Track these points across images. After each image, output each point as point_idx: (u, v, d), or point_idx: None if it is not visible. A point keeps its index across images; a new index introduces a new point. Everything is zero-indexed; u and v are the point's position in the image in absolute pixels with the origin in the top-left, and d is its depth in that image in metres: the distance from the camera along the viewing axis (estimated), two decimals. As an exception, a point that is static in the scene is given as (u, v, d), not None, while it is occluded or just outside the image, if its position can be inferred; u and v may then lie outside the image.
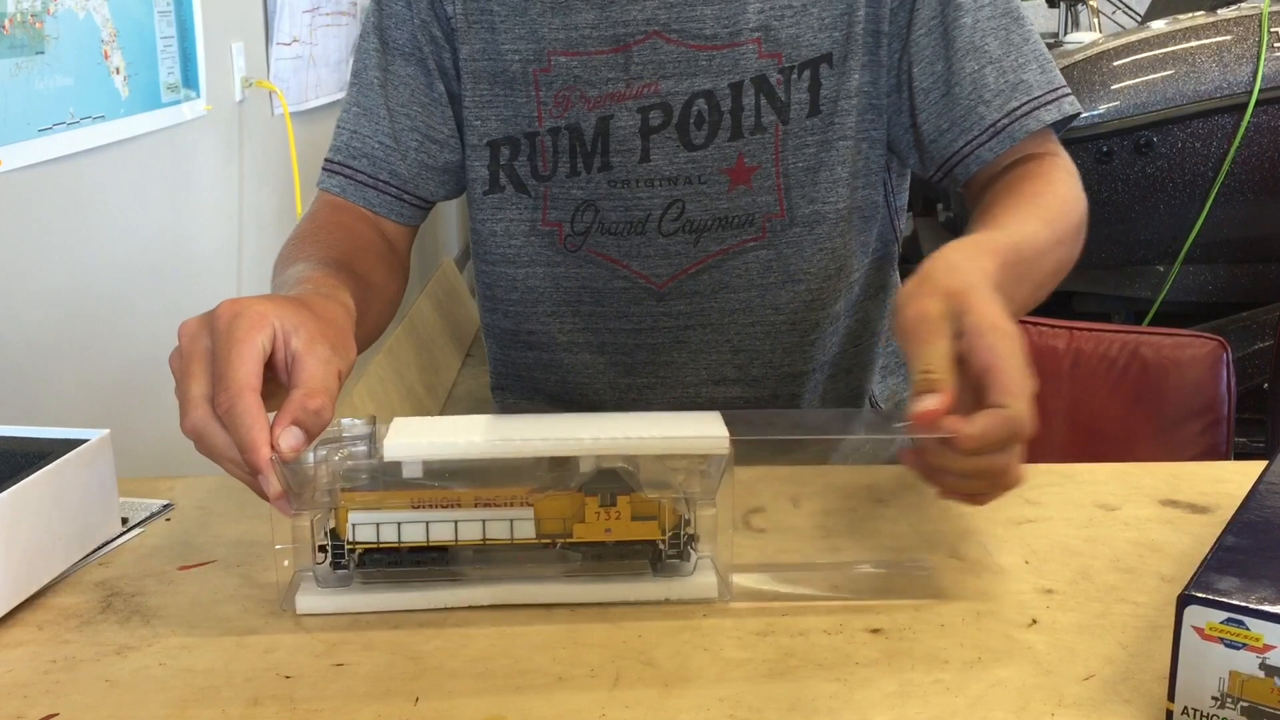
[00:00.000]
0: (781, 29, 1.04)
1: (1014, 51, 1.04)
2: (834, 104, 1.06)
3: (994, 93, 1.04)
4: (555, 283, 1.13)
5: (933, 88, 1.05)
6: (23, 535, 0.76)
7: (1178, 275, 2.77)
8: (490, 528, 0.75)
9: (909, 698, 0.66)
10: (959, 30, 1.04)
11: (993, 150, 1.04)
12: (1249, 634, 0.59)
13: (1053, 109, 1.04)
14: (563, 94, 1.07)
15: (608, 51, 1.05)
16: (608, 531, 0.76)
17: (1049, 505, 0.92)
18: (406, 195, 1.12)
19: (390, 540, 0.76)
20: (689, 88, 1.05)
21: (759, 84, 1.05)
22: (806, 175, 1.07)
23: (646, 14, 1.04)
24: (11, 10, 1.37)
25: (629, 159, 1.07)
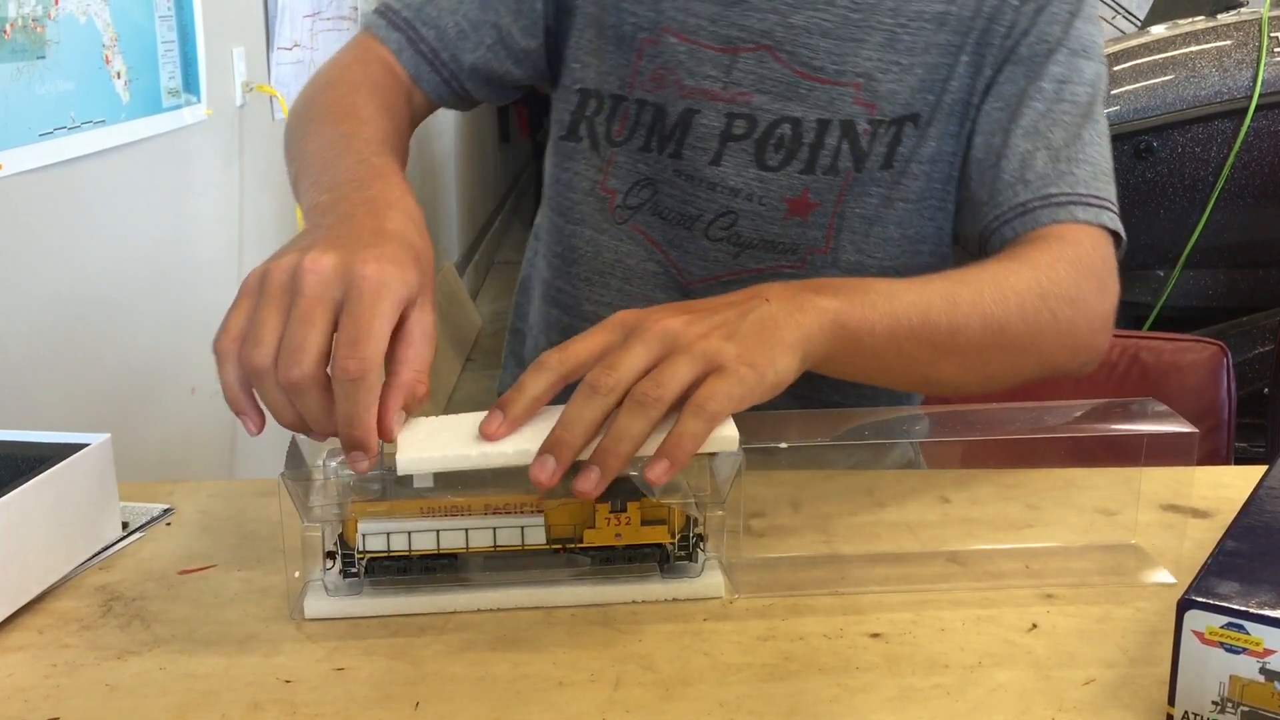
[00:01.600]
0: (884, 81, 1.03)
1: (1077, 147, 1.01)
2: (906, 164, 1.05)
3: (1038, 175, 1.00)
4: (596, 249, 1.12)
5: (985, 158, 1.03)
6: (23, 540, 0.76)
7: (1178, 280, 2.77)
8: (501, 535, 0.75)
9: (909, 702, 0.66)
10: (1028, 112, 1.01)
11: (1015, 230, 1.00)
12: (1249, 638, 0.59)
13: (1090, 212, 0.99)
14: (660, 72, 1.05)
15: (716, 49, 1.04)
16: (618, 537, 0.76)
17: (1049, 510, 0.92)
18: (455, 84, 1.09)
19: (401, 549, 0.75)
20: (780, 110, 1.04)
21: (846, 128, 1.04)
22: (861, 224, 1.06)
23: (765, 26, 1.03)
24: (13, 15, 1.37)
25: (700, 157, 1.06)
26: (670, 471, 0.71)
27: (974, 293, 0.88)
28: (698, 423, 0.70)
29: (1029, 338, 0.91)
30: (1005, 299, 0.89)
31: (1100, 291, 0.97)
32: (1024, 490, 0.95)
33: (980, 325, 0.87)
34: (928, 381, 0.94)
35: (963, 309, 0.86)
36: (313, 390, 0.68)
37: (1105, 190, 1.01)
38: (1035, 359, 0.93)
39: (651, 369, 0.71)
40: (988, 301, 0.88)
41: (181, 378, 1.89)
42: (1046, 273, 0.92)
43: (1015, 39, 1.03)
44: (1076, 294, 0.93)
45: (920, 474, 1.08)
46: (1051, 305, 0.91)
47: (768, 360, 0.73)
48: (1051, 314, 0.91)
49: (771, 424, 0.78)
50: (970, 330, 0.87)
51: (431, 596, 0.76)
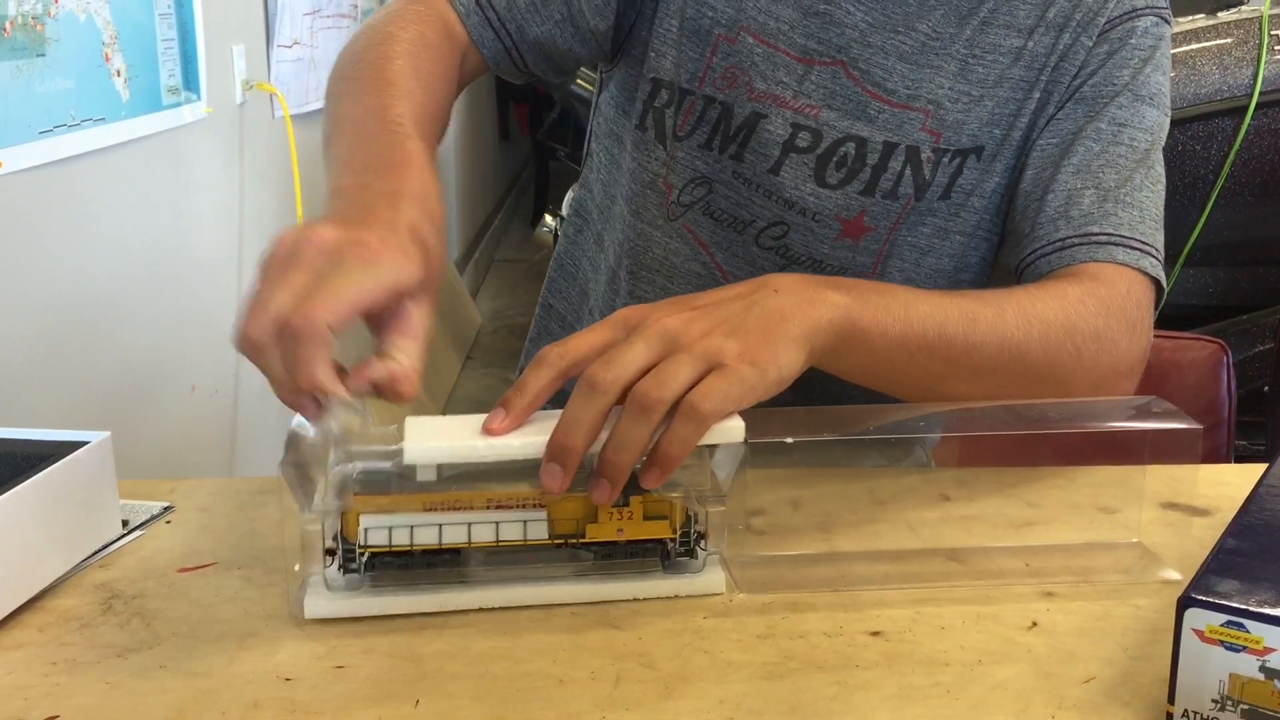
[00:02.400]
0: (953, 111, 1.03)
1: (1128, 190, 0.99)
2: (966, 197, 1.05)
3: (1082, 213, 0.98)
4: (646, 243, 1.12)
5: (1032, 191, 1.02)
6: (23, 538, 0.76)
7: (1178, 278, 2.77)
8: (503, 529, 0.75)
9: (909, 700, 0.66)
10: (1082, 150, 1.00)
11: (1051, 265, 0.98)
12: (1249, 637, 0.59)
13: (1131, 255, 0.96)
14: (732, 71, 1.05)
15: (792, 56, 1.04)
16: (620, 531, 0.76)
17: (1049, 508, 0.92)
18: (517, 54, 1.07)
19: (402, 543, 0.75)
20: (847, 128, 1.04)
21: (910, 154, 1.03)
22: (912, 253, 1.06)
23: (843, 41, 1.03)
24: (12, 13, 1.37)
25: (761, 162, 1.06)
26: (663, 478, 0.71)
27: (996, 313, 0.86)
28: (689, 427, 0.70)
29: (1048, 367, 0.89)
30: (1029, 325, 0.87)
31: (1131, 335, 0.94)
32: (1024, 488, 0.95)
33: (998, 347, 0.86)
34: (937, 396, 0.93)
35: (982, 328, 0.85)
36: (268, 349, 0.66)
37: (1150, 236, 0.98)
38: (1052, 389, 0.91)
39: (652, 366, 0.71)
40: (1010, 324, 0.87)
41: (181, 376, 1.89)
42: (1075, 307, 0.91)
43: (1083, 78, 1.02)
44: (1105, 332, 0.91)
45: (921, 472, 1.08)
46: (1076, 340, 0.90)
47: (770, 356, 0.73)
48: (1075, 348, 0.90)
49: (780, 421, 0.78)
50: (987, 350, 0.86)
51: (432, 595, 0.76)
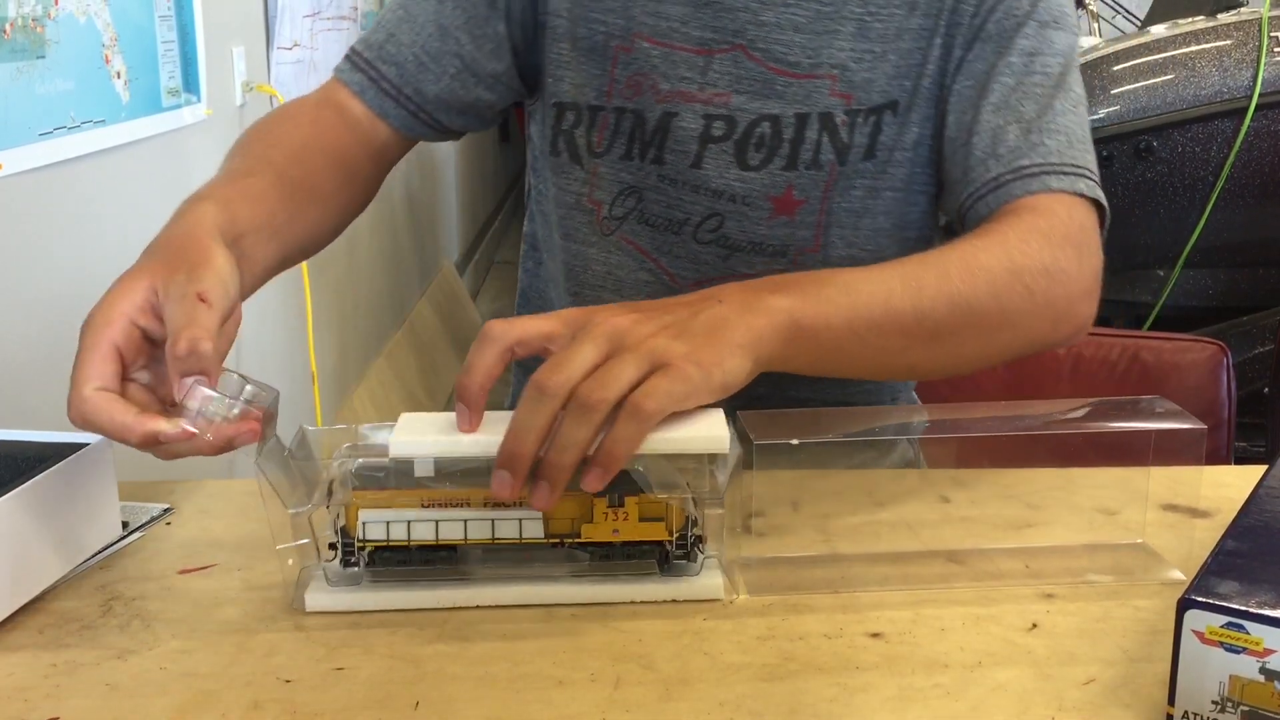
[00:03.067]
0: (858, 71, 1.03)
1: (1048, 117, 0.99)
2: (889, 153, 1.05)
3: (1009, 148, 0.98)
4: (585, 263, 1.12)
5: (957, 136, 1.02)
6: (23, 540, 0.76)
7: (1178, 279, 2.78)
8: (499, 527, 0.76)
9: (909, 702, 0.66)
10: (998, 87, 1.00)
11: (989, 205, 0.98)
12: (1249, 638, 0.59)
13: (1065, 180, 0.96)
14: (636, 78, 1.05)
15: (690, 50, 1.04)
16: (615, 532, 0.76)
17: (1049, 509, 0.92)
18: (424, 115, 1.09)
19: (400, 538, 0.76)
20: (758, 108, 1.04)
21: (824, 121, 1.03)
22: (850, 218, 1.06)
23: (737, 25, 1.03)
24: (12, 14, 1.38)
25: (682, 160, 1.06)
26: (605, 478, 0.71)
27: (939, 275, 0.86)
28: (631, 426, 0.70)
29: (1001, 315, 0.89)
30: (974, 278, 0.87)
31: (1079, 259, 0.94)
32: (1024, 489, 0.95)
33: (948, 308, 0.86)
34: (901, 369, 0.93)
35: (928, 293, 0.85)
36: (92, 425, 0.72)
37: (1080, 158, 0.98)
38: (1013, 336, 0.91)
39: (598, 367, 0.71)
40: (955, 282, 0.86)
41: (181, 377, 1.89)
42: (1018, 246, 0.90)
43: (983, 16, 1.02)
44: (1052, 265, 0.91)
45: (920, 473, 1.08)
46: (1025, 280, 0.89)
47: (715, 360, 0.73)
48: (1026, 289, 0.89)
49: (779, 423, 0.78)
50: (938, 314, 0.85)
51: (432, 591, 0.77)
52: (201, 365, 0.71)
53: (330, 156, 1.04)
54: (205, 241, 0.80)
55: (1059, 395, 1.55)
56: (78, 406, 0.71)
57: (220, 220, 0.84)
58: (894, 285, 0.84)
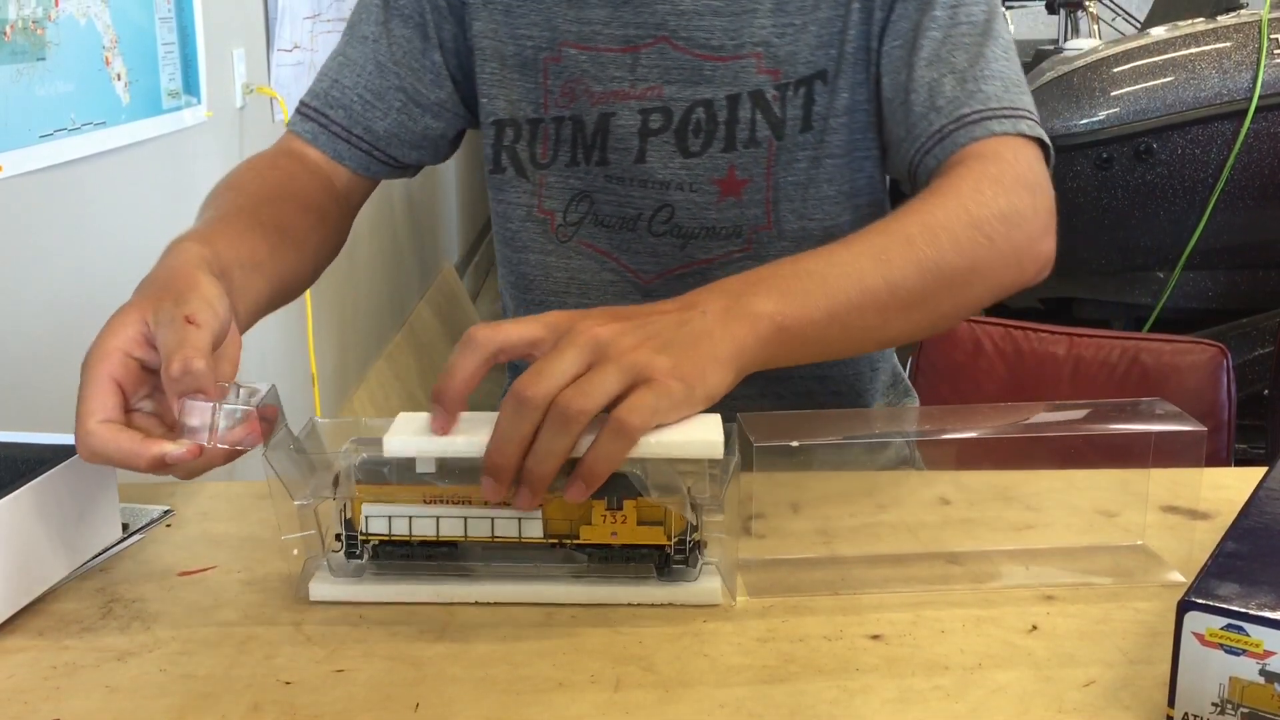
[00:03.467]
0: (781, 46, 1.04)
1: (981, 65, 1.00)
2: (825, 121, 1.06)
3: (948, 99, 0.99)
4: (545, 271, 1.14)
5: (895, 96, 1.03)
6: (23, 541, 0.76)
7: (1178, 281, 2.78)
8: (499, 526, 0.76)
9: (909, 703, 0.66)
10: (927, 42, 1.01)
11: (936, 158, 0.98)
12: (1249, 640, 0.59)
13: (1007, 123, 0.97)
14: (569, 85, 1.08)
15: (617, 50, 1.06)
16: (613, 535, 0.76)
17: (1049, 511, 0.92)
18: (378, 152, 1.12)
19: (402, 533, 0.77)
20: (690, 95, 1.05)
21: (756, 98, 1.05)
22: (797, 191, 1.07)
23: (657, 18, 1.05)
24: (13, 16, 1.38)
25: (625, 157, 1.08)
26: (587, 491, 0.71)
27: (903, 242, 0.86)
28: (615, 443, 0.70)
29: (969, 270, 0.89)
30: (936, 238, 0.87)
31: (1033, 199, 0.94)
32: (1024, 491, 0.95)
33: (918, 274, 0.86)
34: (884, 342, 0.93)
35: (896, 263, 0.85)
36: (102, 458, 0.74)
37: (1018, 100, 0.99)
38: (983, 287, 0.92)
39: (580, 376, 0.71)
40: (919, 246, 0.86)
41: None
42: (972, 197, 0.90)
43: None
44: (1008, 210, 0.91)
45: (920, 475, 1.08)
46: (985, 230, 0.89)
47: (698, 374, 0.73)
48: (987, 239, 0.89)
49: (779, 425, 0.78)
50: (909, 282, 0.85)
51: (433, 585, 0.78)
52: (197, 383, 0.72)
53: (298, 201, 1.06)
54: (189, 271, 0.81)
55: (1059, 397, 1.55)
56: (84, 441, 0.72)
57: (205, 254, 0.85)
58: (864, 264, 0.84)
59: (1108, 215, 2.69)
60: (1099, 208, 2.69)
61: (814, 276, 0.82)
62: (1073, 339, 1.58)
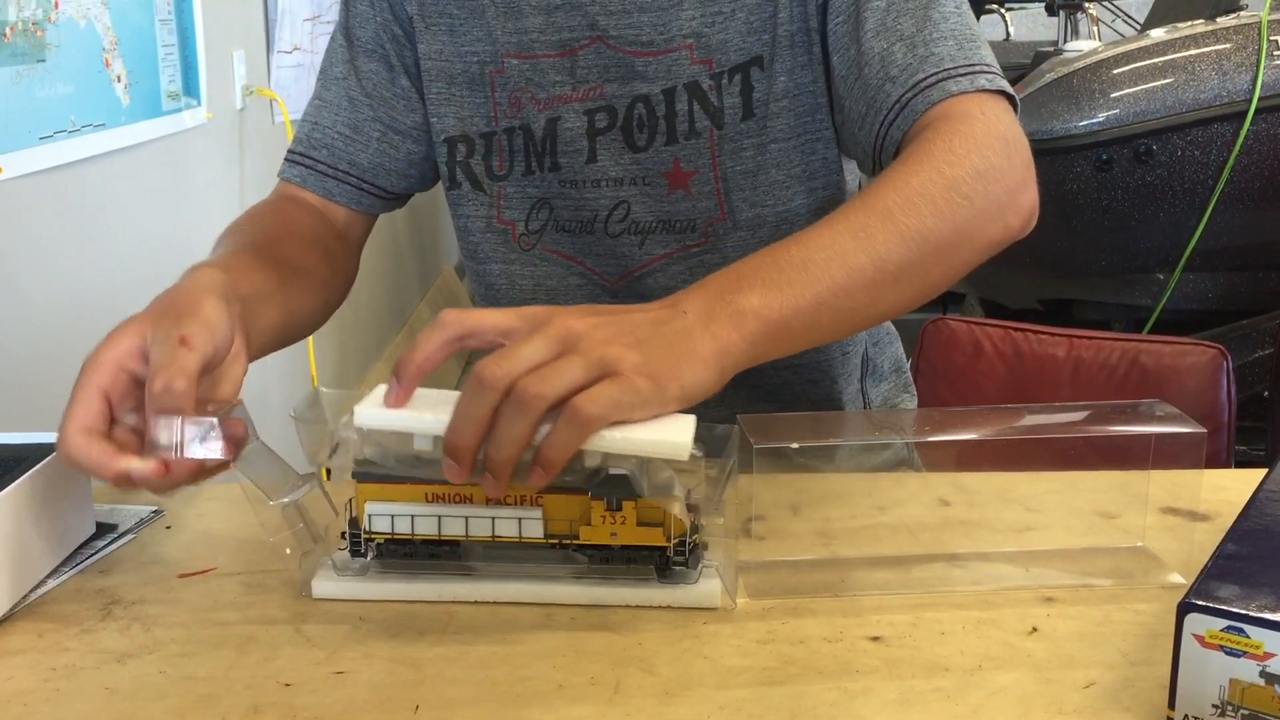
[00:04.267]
0: (712, 35, 1.05)
1: (929, 28, 0.97)
2: (766, 107, 1.06)
3: (901, 68, 0.96)
4: (510, 280, 1.15)
5: (848, 74, 1.01)
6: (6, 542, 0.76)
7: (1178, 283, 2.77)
8: (499, 525, 0.77)
9: (909, 705, 0.66)
10: (871, 12, 0.99)
11: (900, 129, 0.96)
12: (1249, 642, 0.59)
13: (964, 81, 0.94)
14: (515, 95, 1.09)
15: (554, 55, 1.07)
16: (613, 536, 0.77)
17: (1049, 513, 0.92)
18: (366, 185, 1.14)
19: (404, 532, 0.78)
20: (630, 92, 1.06)
21: (692, 90, 1.06)
22: (745, 179, 1.07)
23: (589, 20, 1.06)
24: (13, 18, 1.38)
25: (576, 160, 1.09)
26: (544, 478, 0.70)
27: (882, 216, 0.84)
28: (568, 430, 0.69)
29: (954, 234, 0.87)
30: (915, 206, 0.85)
31: (1007, 152, 0.91)
32: (1024, 493, 0.95)
33: (901, 246, 0.84)
34: (876, 318, 0.91)
35: (878, 238, 0.83)
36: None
37: (973, 55, 0.96)
38: (970, 249, 0.89)
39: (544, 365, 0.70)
40: (899, 217, 0.84)
41: (181, 381, 1.89)
42: (944, 158, 0.88)
43: None
44: (983, 166, 0.89)
45: (920, 477, 1.08)
46: (963, 190, 0.87)
47: (672, 374, 0.72)
48: (966, 198, 0.87)
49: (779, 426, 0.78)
50: (894, 255, 0.83)
51: (434, 584, 0.78)
52: (175, 403, 0.72)
53: (303, 238, 1.08)
54: (197, 294, 0.82)
55: (1059, 399, 1.55)
56: (62, 445, 0.74)
57: (221, 280, 0.86)
58: (845, 244, 0.82)
59: (1107, 217, 2.69)
60: (1099, 209, 2.69)
61: (796, 265, 0.80)
62: (1073, 340, 1.58)
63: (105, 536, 0.88)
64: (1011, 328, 1.61)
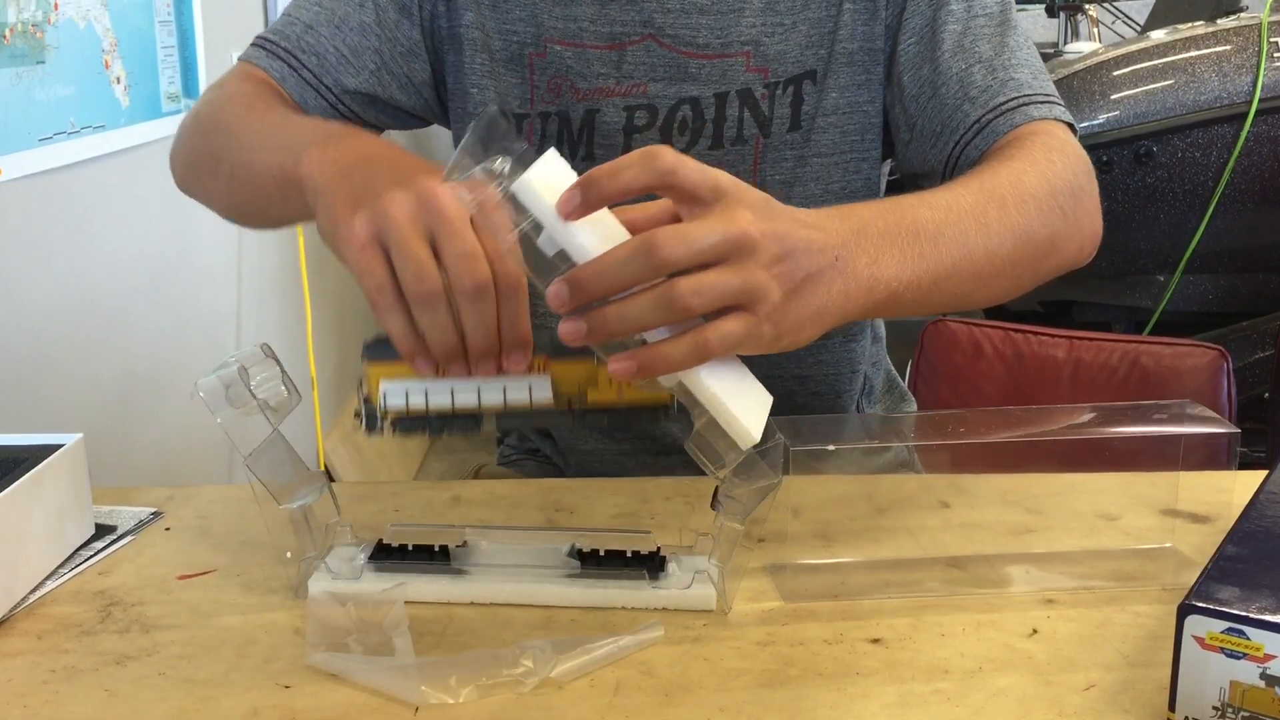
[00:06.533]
0: (771, 45, 1.05)
1: (1007, 54, 1.01)
2: (813, 121, 1.06)
3: (980, 89, 0.99)
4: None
5: (921, 92, 1.03)
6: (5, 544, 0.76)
7: (1178, 285, 2.77)
8: (511, 392, 0.76)
9: (909, 707, 0.66)
10: (947, 34, 1.02)
11: (978, 149, 0.98)
12: (1249, 644, 0.59)
13: (1044, 109, 0.98)
14: (555, 81, 1.08)
15: (602, 47, 1.06)
16: (620, 395, 0.77)
17: (1050, 514, 0.92)
18: (342, 106, 1.10)
19: (419, 406, 0.76)
20: (676, 93, 1.06)
21: (744, 97, 1.06)
22: (781, 189, 1.07)
23: (644, 16, 1.05)
24: (12, 20, 1.38)
25: (610, 154, 1.07)
26: (630, 375, 0.68)
27: (999, 206, 0.85)
28: (683, 350, 0.68)
29: (1050, 241, 0.89)
30: (1025, 204, 0.86)
31: (1089, 178, 0.95)
32: (1024, 495, 0.95)
33: (1012, 241, 0.85)
34: (960, 306, 0.90)
35: (994, 229, 0.84)
36: (489, 292, 0.70)
37: (1046, 86, 1.00)
38: (1055, 260, 0.91)
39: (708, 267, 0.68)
40: (1012, 212, 0.85)
41: (180, 383, 1.89)
42: (1048, 168, 0.90)
43: None
44: (1076, 186, 0.92)
45: (920, 479, 1.08)
46: (1061, 202, 0.89)
47: (795, 329, 0.71)
48: (1063, 211, 0.89)
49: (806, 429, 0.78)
50: (1004, 250, 0.84)
51: (428, 585, 0.78)
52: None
53: (277, 98, 1.06)
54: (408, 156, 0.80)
55: (1059, 400, 1.55)
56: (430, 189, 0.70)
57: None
58: (968, 226, 0.82)
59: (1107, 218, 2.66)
60: (1099, 211, 2.69)
61: (930, 236, 0.79)
62: (1073, 342, 1.58)
63: (104, 538, 0.88)
64: (1012, 329, 1.61)
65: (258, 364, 0.77)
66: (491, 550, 0.80)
